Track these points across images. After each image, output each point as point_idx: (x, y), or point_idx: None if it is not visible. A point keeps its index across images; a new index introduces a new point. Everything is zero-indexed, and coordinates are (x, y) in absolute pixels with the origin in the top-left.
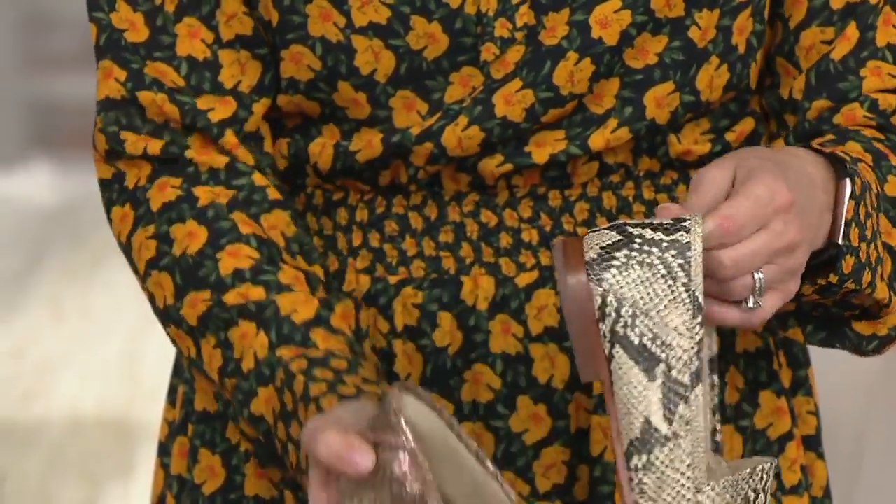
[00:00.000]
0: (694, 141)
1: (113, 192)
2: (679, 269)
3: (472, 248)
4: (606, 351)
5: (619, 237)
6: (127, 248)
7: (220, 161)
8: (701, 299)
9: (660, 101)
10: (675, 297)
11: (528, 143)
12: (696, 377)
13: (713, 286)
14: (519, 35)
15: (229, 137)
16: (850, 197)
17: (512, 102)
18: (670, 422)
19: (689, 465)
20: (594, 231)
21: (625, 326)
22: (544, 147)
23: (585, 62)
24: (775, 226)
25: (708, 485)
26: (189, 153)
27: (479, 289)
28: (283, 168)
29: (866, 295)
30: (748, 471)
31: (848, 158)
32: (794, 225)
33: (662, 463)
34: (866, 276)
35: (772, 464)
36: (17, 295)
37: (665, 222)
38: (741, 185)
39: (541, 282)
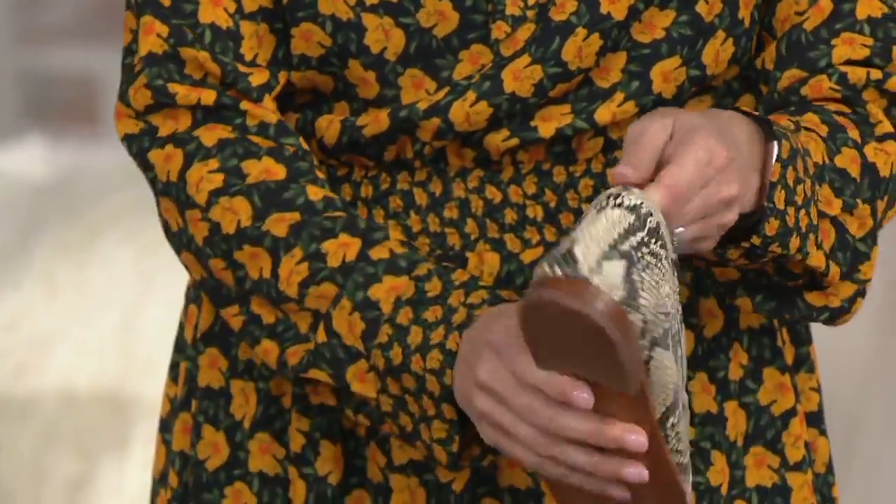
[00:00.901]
0: None
1: (143, 141)
2: (661, 249)
3: (476, 225)
4: (645, 356)
5: (605, 249)
6: (179, 185)
7: (272, 117)
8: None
9: (666, 76)
10: (664, 273)
11: (534, 117)
12: (682, 324)
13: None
14: (530, 13)
15: (269, 102)
16: (777, 160)
17: (520, 78)
18: (682, 376)
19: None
20: (552, 261)
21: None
22: (550, 121)
23: (594, 37)
24: (712, 187)
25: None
26: (243, 105)
27: (484, 265)
28: None
29: (798, 262)
30: None
31: (777, 123)
32: (734, 181)
33: (685, 408)
34: (794, 242)
35: None
36: (11, 270)
37: (624, 212)
38: (680, 147)
39: None
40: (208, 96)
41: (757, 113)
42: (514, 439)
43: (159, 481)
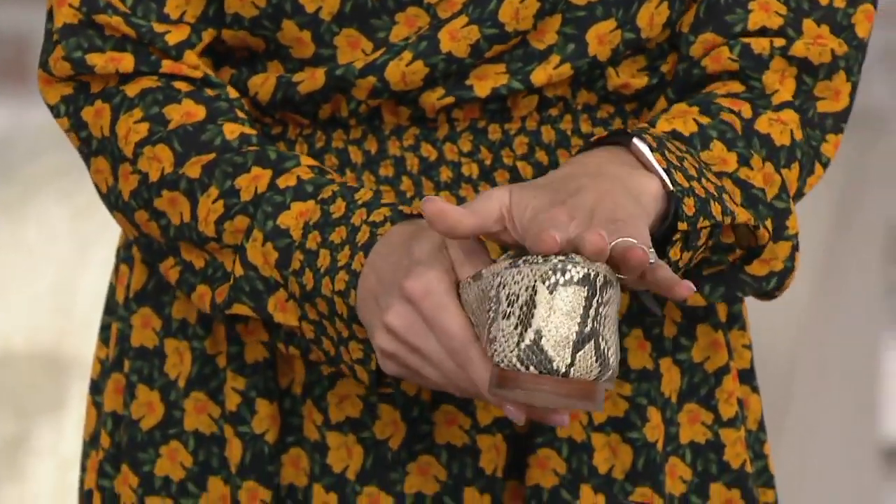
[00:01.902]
0: (631, 75)
1: (78, 101)
2: (612, 289)
3: (412, 183)
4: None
5: (574, 339)
6: (111, 140)
7: (195, 73)
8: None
9: (602, 38)
10: (617, 305)
11: (469, 76)
12: None
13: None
14: None
15: (190, 57)
16: (651, 151)
17: (457, 38)
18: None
19: None
20: (521, 355)
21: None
22: (486, 80)
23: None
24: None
25: None
26: (164, 66)
27: None
28: None
29: (729, 226)
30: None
31: (626, 128)
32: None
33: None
34: (714, 207)
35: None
36: None
37: (577, 288)
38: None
39: None
40: (126, 64)
41: (605, 132)
42: (418, 375)
43: (90, 443)
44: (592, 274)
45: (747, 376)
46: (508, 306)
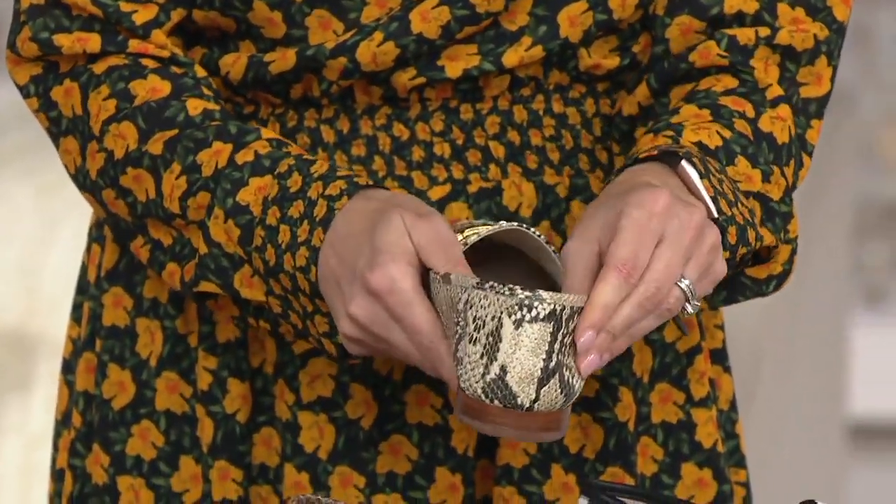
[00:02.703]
0: (602, 56)
1: (48, 81)
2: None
3: (384, 162)
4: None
5: (539, 376)
6: (83, 119)
7: (162, 52)
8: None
9: (573, 20)
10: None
11: (441, 57)
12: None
13: (653, 319)
14: None
15: (158, 37)
16: (701, 177)
17: (428, 19)
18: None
19: None
20: (486, 388)
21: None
22: (457, 61)
23: None
24: (671, 227)
25: None
26: (131, 45)
27: None
28: None
29: (757, 248)
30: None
31: (675, 146)
32: (686, 212)
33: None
34: (750, 234)
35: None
36: None
37: (543, 325)
38: (616, 226)
39: (453, 195)
40: (94, 44)
41: (648, 151)
42: (385, 354)
43: (62, 422)
44: (559, 309)
45: (719, 356)
46: (475, 330)
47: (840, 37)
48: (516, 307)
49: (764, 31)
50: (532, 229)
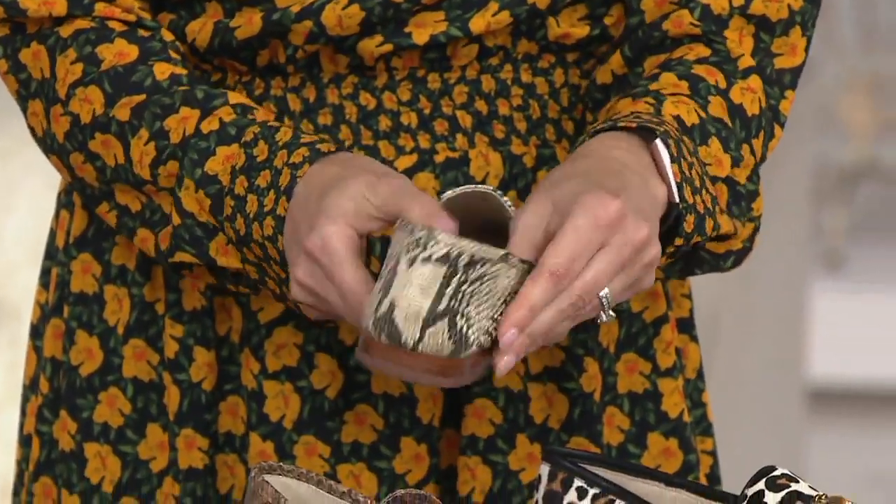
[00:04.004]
0: (571, 24)
1: (16, 42)
2: (484, 267)
3: (350, 131)
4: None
5: (425, 316)
6: (50, 82)
7: (128, 17)
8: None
9: None
10: (497, 278)
11: (408, 23)
12: None
13: (568, 323)
14: None
15: (124, 1)
16: (672, 161)
17: None
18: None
19: None
20: (377, 323)
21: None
22: (424, 28)
23: None
24: (614, 240)
25: None
26: (98, 8)
27: None
28: None
29: (713, 237)
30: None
31: (655, 122)
32: (633, 226)
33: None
34: (708, 224)
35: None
36: None
37: (435, 267)
38: (565, 219)
39: (419, 165)
40: (59, 7)
41: (628, 120)
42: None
43: (29, 388)
44: (454, 253)
45: (686, 325)
46: (384, 267)
47: (815, 7)
48: (413, 245)
49: (738, 1)
50: (504, 198)
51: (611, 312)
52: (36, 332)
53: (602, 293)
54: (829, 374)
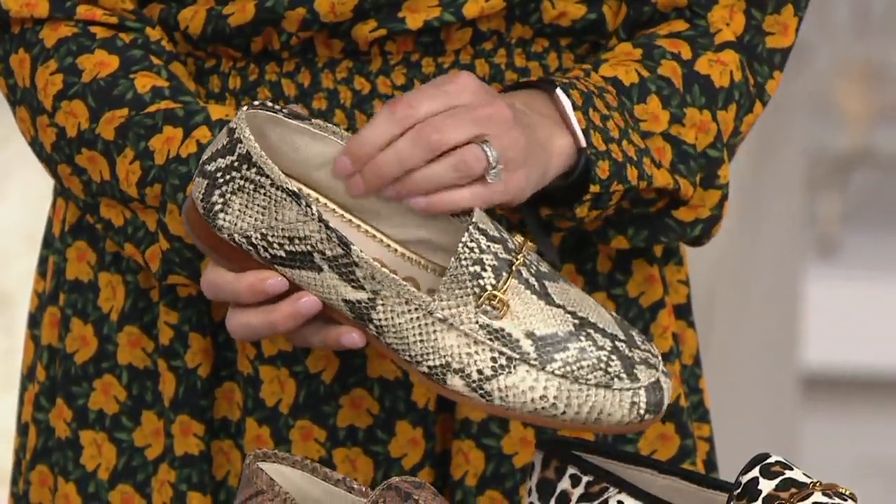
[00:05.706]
0: (567, 4)
1: (4, 44)
2: (260, 177)
3: (345, 116)
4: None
5: (199, 166)
6: (32, 92)
7: (110, 20)
8: (292, 186)
9: None
10: (272, 201)
11: (402, 8)
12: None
13: (449, 171)
14: None
15: (106, 0)
16: (574, 109)
17: None
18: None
19: None
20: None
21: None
22: (418, 13)
23: None
24: (465, 97)
25: None
26: (80, 11)
27: None
28: None
29: (646, 188)
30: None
31: (557, 77)
32: (490, 100)
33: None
34: (631, 172)
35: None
36: None
37: (223, 133)
38: None
39: None
40: (41, 9)
41: (537, 79)
42: None
43: (27, 377)
44: (237, 135)
45: (683, 311)
46: None
47: None
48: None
49: None
50: None
51: (496, 174)
52: (33, 321)
53: (486, 146)
54: (823, 361)
